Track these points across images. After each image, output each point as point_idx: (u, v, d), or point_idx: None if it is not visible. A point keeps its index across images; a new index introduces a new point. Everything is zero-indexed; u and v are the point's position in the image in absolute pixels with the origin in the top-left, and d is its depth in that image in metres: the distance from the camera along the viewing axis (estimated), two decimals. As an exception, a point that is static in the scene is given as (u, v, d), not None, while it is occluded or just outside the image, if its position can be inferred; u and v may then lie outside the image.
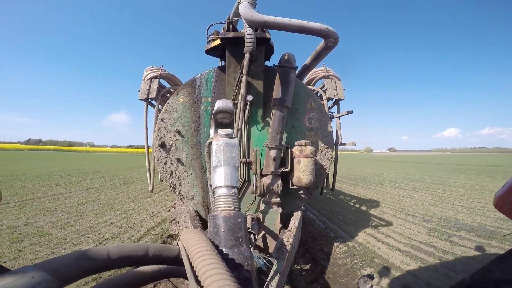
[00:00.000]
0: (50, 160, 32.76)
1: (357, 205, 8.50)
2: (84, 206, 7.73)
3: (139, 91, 4.50)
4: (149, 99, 4.51)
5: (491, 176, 16.71)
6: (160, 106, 4.63)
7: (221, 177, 1.04)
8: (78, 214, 6.75)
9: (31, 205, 7.56)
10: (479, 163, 34.48)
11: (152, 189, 4.68)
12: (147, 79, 4.56)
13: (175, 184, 3.88)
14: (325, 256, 4.46)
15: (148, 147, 4.58)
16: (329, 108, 5.07)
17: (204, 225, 3.76)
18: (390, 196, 10.15)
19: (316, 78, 5.18)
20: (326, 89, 4.74)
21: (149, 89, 4.45)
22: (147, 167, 4.67)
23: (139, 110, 4.60)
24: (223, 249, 0.89)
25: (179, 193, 3.90)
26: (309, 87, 5.25)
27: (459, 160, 49.22)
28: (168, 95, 5.12)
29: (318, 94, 5.28)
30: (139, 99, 4.48)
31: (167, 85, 5.27)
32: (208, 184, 1.23)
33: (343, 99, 4.69)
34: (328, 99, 4.72)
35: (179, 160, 3.84)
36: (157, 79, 4.59)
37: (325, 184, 4.58)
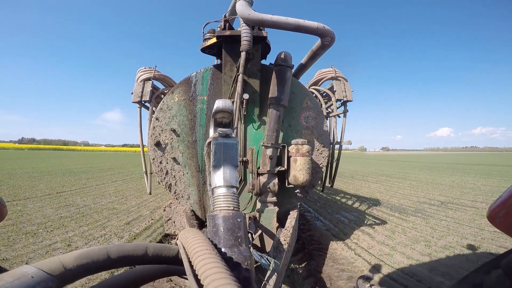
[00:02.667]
0: (56, 158, 32.37)
1: (326, 190, 10.15)
2: (123, 192, 9.42)
3: (132, 93, 4.36)
4: (143, 102, 4.39)
5: (451, 172, 18.63)
6: (154, 109, 4.46)
7: (220, 177, 1.03)
8: (123, 197, 8.49)
9: (83, 192, 9.11)
10: (460, 162, 36.45)
11: (150, 191, 4.64)
12: (140, 81, 4.38)
13: (170, 183, 3.85)
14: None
15: (144, 150, 4.49)
16: (337, 108, 5.01)
17: (200, 224, 3.74)
18: (352, 185, 12.05)
19: (324, 79, 5.10)
20: (335, 91, 4.65)
21: (142, 92, 4.28)
22: (144, 170, 4.63)
23: (134, 108, 4.49)
24: (223, 249, 0.89)
25: (175, 192, 3.87)
26: (316, 87, 5.20)
27: (447, 159, 51.36)
28: (162, 97, 5.01)
29: (324, 94, 5.23)
30: (132, 102, 4.34)
31: (161, 86, 5.10)
32: (208, 183, 1.22)
33: (351, 101, 4.62)
34: (337, 100, 4.68)
35: (174, 159, 3.81)
36: (150, 81, 4.42)
37: (323, 179, 4.60)
